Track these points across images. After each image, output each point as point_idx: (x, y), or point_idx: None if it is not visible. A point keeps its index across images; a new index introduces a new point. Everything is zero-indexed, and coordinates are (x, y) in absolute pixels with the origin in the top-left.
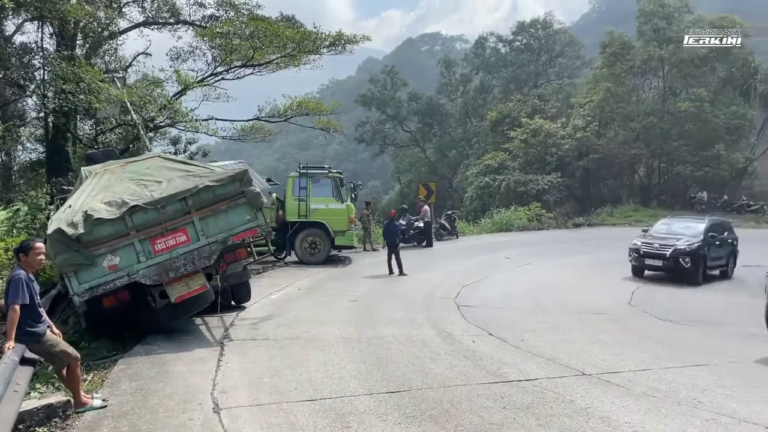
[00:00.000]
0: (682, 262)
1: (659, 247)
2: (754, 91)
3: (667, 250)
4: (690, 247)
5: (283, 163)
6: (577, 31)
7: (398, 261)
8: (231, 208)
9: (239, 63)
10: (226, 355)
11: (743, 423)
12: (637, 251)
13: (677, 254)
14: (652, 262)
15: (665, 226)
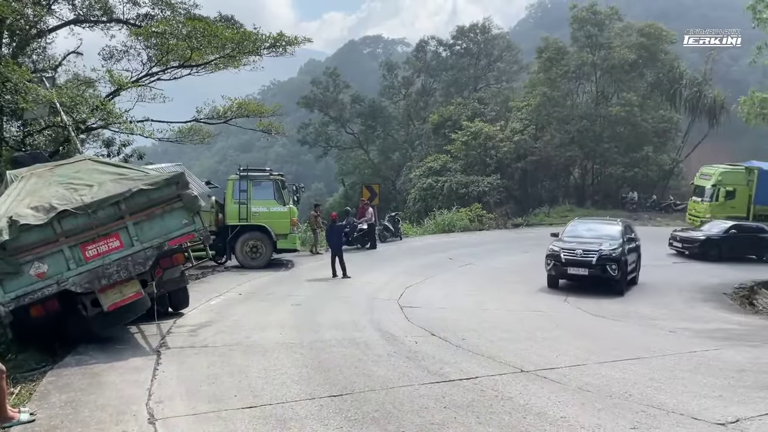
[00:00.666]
0: (610, 270)
1: (584, 254)
2: (679, 96)
3: (592, 256)
4: (614, 252)
5: (224, 165)
6: (514, 37)
7: (342, 264)
8: (167, 212)
9: (176, 63)
10: (163, 363)
11: (671, 414)
12: (557, 258)
13: (604, 261)
14: (576, 271)
15: (579, 229)
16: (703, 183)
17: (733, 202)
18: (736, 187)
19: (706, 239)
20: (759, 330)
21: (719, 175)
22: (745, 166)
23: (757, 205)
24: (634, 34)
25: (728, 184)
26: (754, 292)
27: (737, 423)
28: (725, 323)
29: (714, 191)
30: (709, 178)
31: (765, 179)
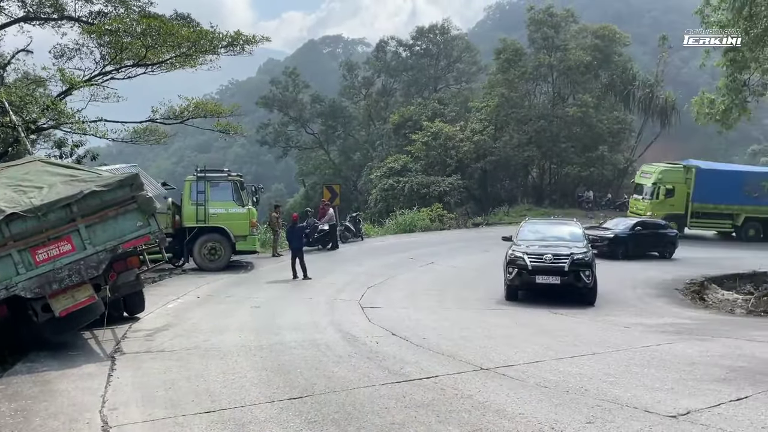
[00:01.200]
0: (584, 277)
1: (554, 259)
2: (632, 97)
3: (563, 262)
4: (586, 256)
5: (181, 166)
6: (473, 38)
7: (302, 265)
8: (121, 214)
9: (130, 62)
10: (118, 369)
11: (625, 407)
12: (522, 266)
13: (577, 267)
14: (545, 280)
15: (537, 231)
16: (644, 181)
17: (672, 200)
18: (675, 185)
19: (614, 237)
20: (708, 324)
21: (659, 174)
22: (684, 165)
23: (695, 203)
24: (589, 36)
25: (668, 182)
26: (704, 287)
27: (688, 415)
28: (677, 318)
29: (654, 189)
30: (649, 176)
31: (702, 177)
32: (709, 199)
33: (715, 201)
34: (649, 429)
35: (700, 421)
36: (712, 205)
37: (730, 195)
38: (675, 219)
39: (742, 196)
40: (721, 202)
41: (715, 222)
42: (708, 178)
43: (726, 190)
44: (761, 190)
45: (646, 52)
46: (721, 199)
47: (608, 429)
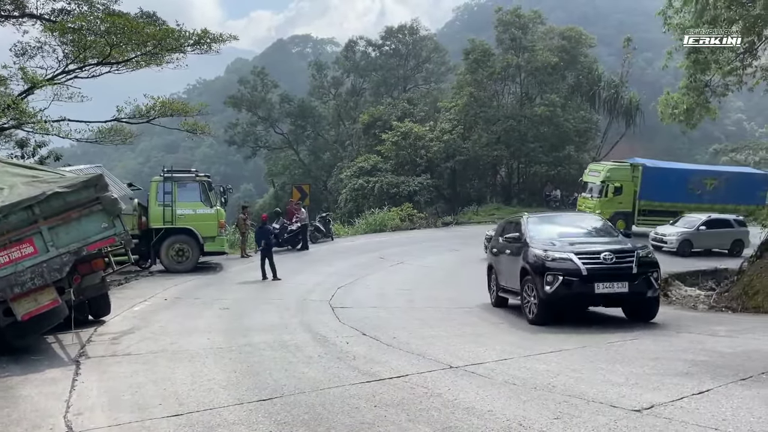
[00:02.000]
0: (654, 281)
1: (617, 259)
2: (598, 97)
3: (629, 262)
4: (650, 254)
5: (148, 167)
6: (441, 38)
7: (272, 265)
8: (85, 215)
9: (95, 60)
10: (83, 373)
11: (591, 403)
12: (572, 272)
13: (646, 268)
14: (609, 289)
15: (554, 226)
16: (592, 179)
17: (620, 198)
18: (623, 183)
19: None
20: (672, 320)
21: (607, 172)
22: (630, 163)
23: (641, 200)
24: (556, 38)
25: (616, 180)
26: (668, 284)
27: (652, 409)
28: None
29: (603, 187)
30: (597, 174)
31: (648, 175)
32: (655, 197)
33: (661, 199)
34: (614, 423)
35: (664, 415)
36: (657, 203)
37: (675, 193)
38: (623, 217)
39: (685, 193)
40: (666, 200)
41: (661, 219)
42: (654, 177)
43: (671, 188)
44: (703, 188)
45: (612, 53)
46: (667, 197)
47: (575, 424)
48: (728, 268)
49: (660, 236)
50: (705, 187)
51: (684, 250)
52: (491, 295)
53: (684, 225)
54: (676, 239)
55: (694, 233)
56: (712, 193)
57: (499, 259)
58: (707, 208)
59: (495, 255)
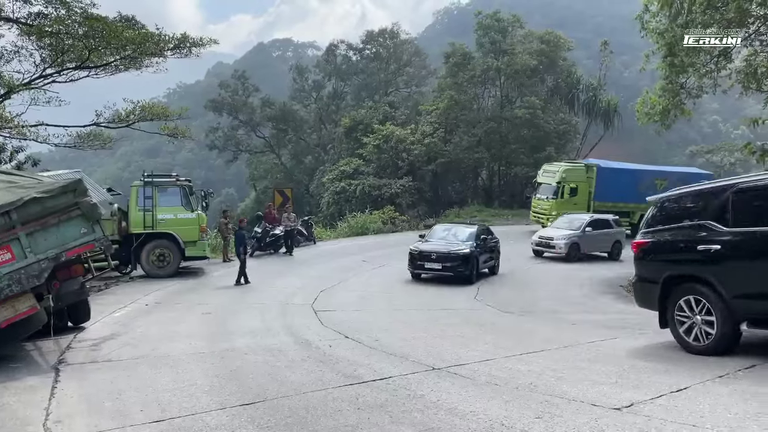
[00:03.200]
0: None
1: None
2: (577, 100)
3: None
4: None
5: (128, 171)
6: (422, 42)
7: (243, 269)
8: (64, 221)
9: (73, 65)
10: (62, 381)
11: (572, 402)
12: None
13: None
14: None
15: None
16: (547, 180)
17: (575, 199)
18: (578, 184)
19: None
20: (651, 319)
21: (563, 173)
22: (585, 164)
23: (596, 201)
24: (535, 41)
25: (571, 181)
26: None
27: (631, 407)
28: (621, 314)
29: (559, 188)
30: (552, 175)
31: (603, 176)
32: (608, 198)
33: (614, 199)
34: (595, 422)
35: (643, 413)
36: (611, 204)
37: (627, 193)
38: None
39: (637, 193)
40: (620, 201)
41: None
42: (607, 177)
43: (624, 188)
44: (654, 188)
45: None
46: (620, 198)
47: (556, 423)
48: None
49: (545, 240)
50: (655, 187)
51: (573, 254)
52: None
53: (568, 226)
54: (564, 243)
55: (581, 235)
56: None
57: None
58: None
59: None
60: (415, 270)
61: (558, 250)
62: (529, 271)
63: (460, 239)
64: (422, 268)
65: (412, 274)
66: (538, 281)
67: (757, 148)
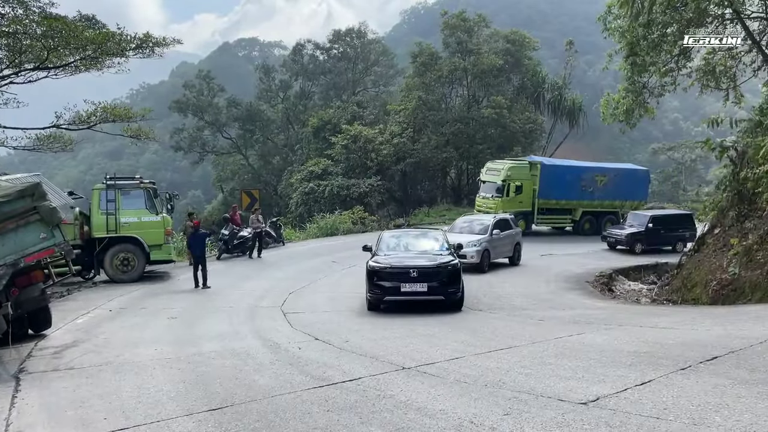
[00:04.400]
0: None
1: None
2: (542, 99)
3: None
4: None
5: (90, 174)
6: (389, 42)
7: (204, 273)
8: (21, 226)
9: (31, 65)
10: (23, 390)
11: (539, 398)
12: None
13: None
14: None
15: None
16: (491, 178)
17: (520, 197)
18: (523, 182)
19: None
20: (616, 313)
21: (508, 171)
22: (529, 161)
23: (540, 199)
24: (501, 41)
25: (516, 179)
26: (612, 279)
27: (597, 401)
28: (588, 309)
29: (504, 186)
30: (497, 173)
31: (546, 173)
32: (552, 195)
33: (558, 197)
34: (562, 417)
35: (609, 406)
36: (554, 201)
37: (570, 190)
38: (523, 216)
39: (579, 191)
40: (563, 198)
41: (558, 218)
42: (551, 175)
43: (567, 185)
44: (595, 185)
45: (554, 56)
46: (563, 195)
47: (524, 419)
48: (668, 263)
49: None
50: (596, 184)
51: (485, 263)
52: None
53: (470, 229)
54: (476, 250)
55: (489, 239)
56: (602, 190)
57: None
58: (597, 204)
59: None
60: (382, 296)
61: (470, 259)
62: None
63: (433, 248)
64: (394, 292)
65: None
66: (507, 279)
67: (716, 145)
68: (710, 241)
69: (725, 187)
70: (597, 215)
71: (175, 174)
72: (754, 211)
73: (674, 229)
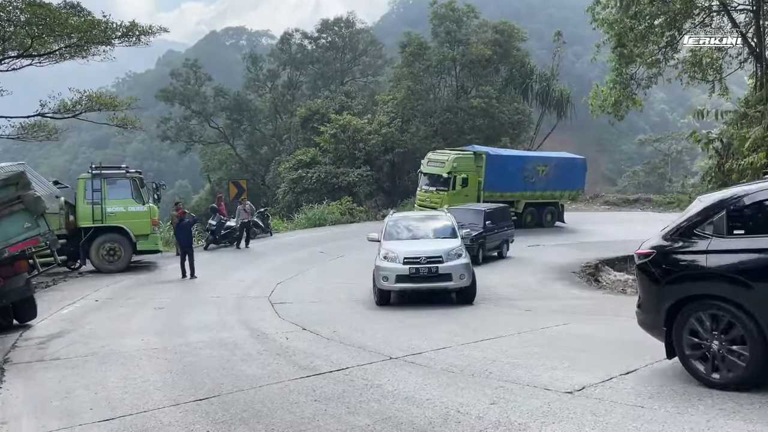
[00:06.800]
0: None
1: None
2: (531, 90)
3: None
4: None
5: (76, 163)
6: (378, 31)
7: (191, 263)
8: (6, 215)
9: (14, 53)
10: (7, 381)
11: (526, 387)
12: None
13: None
14: None
15: None
16: (434, 170)
17: (466, 190)
18: (469, 174)
19: None
20: (602, 303)
21: (454, 162)
22: (474, 151)
23: (485, 191)
24: (489, 31)
25: (462, 171)
26: (598, 269)
27: (583, 390)
28: (574, 299)
29: (450, 179)
30: (441, 165)
31: (492, 164)
32: (496, 187)
33: (502, 189)
34: (548, 406)
35: (594, 395)
36: (498, 193)
37: (513, 182)
38: None
39: (522, 181)
40: (507, 190)
41: None
42: (496, 165)
43: (510, 176)
44: (537, 175)
45: (543, 47)
46: (506, 187)
47: (510, 408)
48: None
49: None
50: (538, 174)
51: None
52: None
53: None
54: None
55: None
56: (543, 180)
57: None
58: (539, 195)
59: None
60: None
61: None
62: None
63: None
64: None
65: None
66: (494, 270)
67: (702, 137)
68: None
69: (710, 179)
70: (538, 207)
71: (162, 163)
72: None
73: (502, 227)
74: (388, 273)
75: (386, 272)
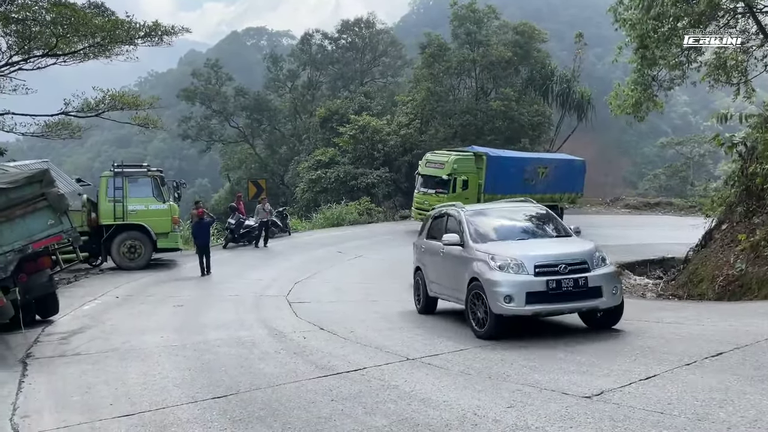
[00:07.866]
0: None
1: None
2: (551, 91)
3: None
4: None
5: (99, 162)
6: (398, 32)
7: (207, 262)
8: (30, 212)
9: (40, 52)
10: (30, 375)
11: (543, 391)
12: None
13: None
14: None
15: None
16: (433, 172)
17: (467, 192)
18: (469, 176)
19: None
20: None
21: (454, 164)
22: (474, 152)
23: (486, 194)
24: (510, 33)
25: (462, 172)
26: (619, 274)
27: (601, 395)
28: None
29: (450, 181)
30: (440, 167)
31: (493, 166)
32: (497, 190)
33: (502, 191)
34: (565, 410)
35: (613, 401)
36: (500, 195)
37: (514, 184)
38: None
39: (522, 183)
40: (507, 192)
41: None
42: (497, 167)
43: (511, 178)
44: (537, 177)
45: (564, 48)
46: (507, 189)
47: (528, 412)
48: (675, 257)
49: None
50: (538, 176)
51: None
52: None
53: None
54: None
55: None
56: (543, 182)
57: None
58: (539, 198)
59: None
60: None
61: None
62: None
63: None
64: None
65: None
66: None
67: (726, 140)
68: (717, 236)
69: (734, 183)
70: None
71: (182, 162)
72: (763, 207)
73: None
74: (512, 290)
75: (508, 289)
